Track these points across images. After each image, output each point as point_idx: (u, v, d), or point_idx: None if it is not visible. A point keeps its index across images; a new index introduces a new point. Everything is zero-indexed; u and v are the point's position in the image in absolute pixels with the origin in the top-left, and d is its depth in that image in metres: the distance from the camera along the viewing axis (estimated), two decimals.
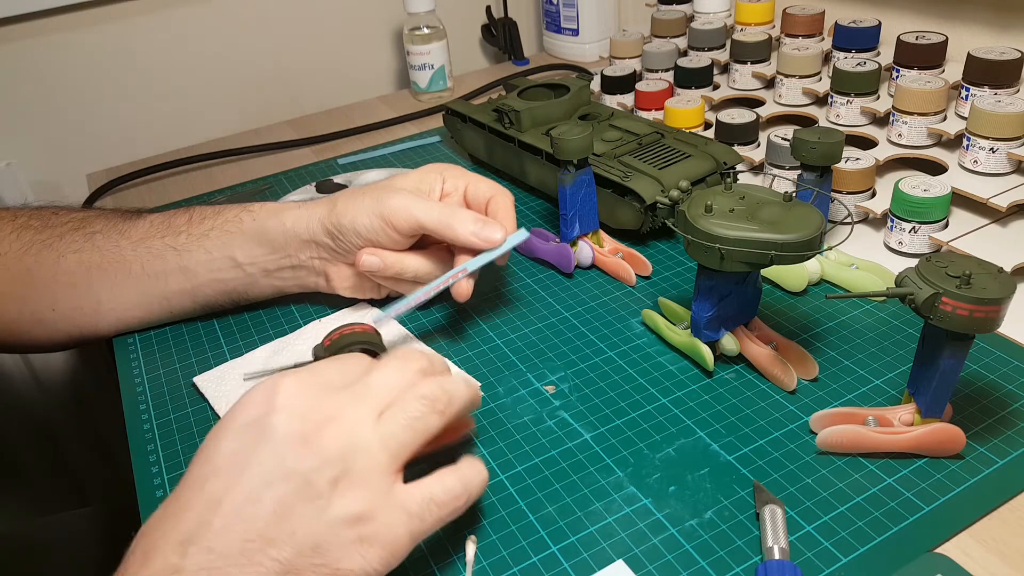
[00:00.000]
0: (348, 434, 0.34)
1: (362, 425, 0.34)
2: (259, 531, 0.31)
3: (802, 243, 0.41)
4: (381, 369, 0.37)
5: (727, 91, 0.79)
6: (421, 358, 0.39)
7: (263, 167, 0.87)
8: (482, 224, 0.50)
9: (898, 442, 0.41)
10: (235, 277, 0.55)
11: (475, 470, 0.37)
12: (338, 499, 0.33)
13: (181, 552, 0.30)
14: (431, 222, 0.50)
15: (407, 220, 0.50)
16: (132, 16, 0.93)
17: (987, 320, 0.36)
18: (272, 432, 0.33)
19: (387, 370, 0.37)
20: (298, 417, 0.34)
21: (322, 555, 0.32)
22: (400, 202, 0.51)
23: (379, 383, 0.36)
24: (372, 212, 0.51)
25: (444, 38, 0.97)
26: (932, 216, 0.56)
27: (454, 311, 0.58)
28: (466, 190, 0.55)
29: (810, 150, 0.51)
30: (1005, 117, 0.57)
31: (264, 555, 0.31)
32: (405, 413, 0.35)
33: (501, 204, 0.53)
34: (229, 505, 0.31)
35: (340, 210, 0.52)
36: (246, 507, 0.32)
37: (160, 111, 0.98)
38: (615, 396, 0.48)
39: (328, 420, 0.34)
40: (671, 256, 0.61)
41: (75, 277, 0.54)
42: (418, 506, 0.34)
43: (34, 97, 0.91)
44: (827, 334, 0.52)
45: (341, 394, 0.36)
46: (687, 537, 0.39)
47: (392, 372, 0.37)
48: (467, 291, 0.52)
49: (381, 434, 0.34)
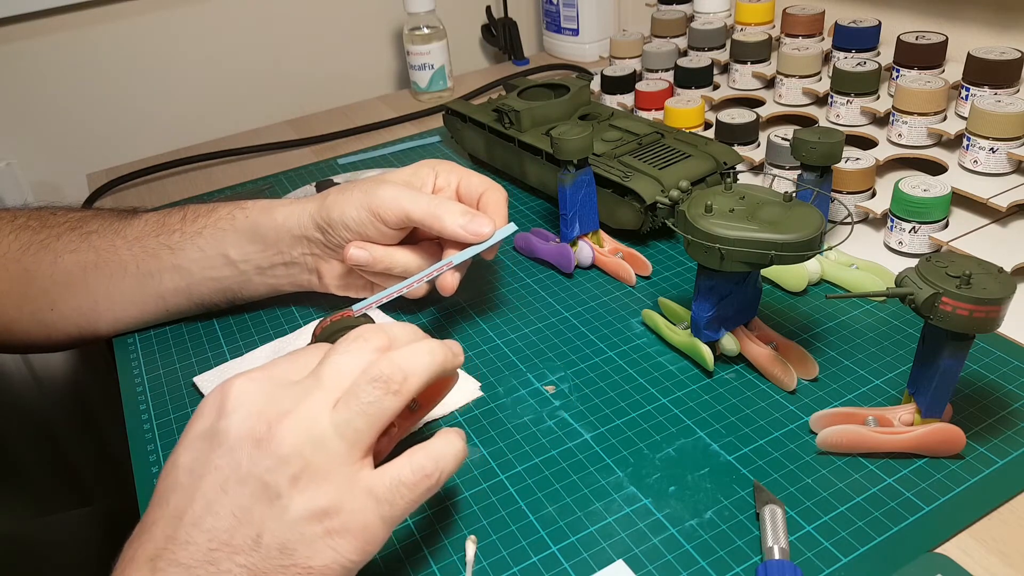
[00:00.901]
0: (302, 429, 0.33)
1: (316, 418, 0.33)
2: (222, 539, 0.31)
3: (802, 243, 0.41)
4: (334, 356, 0.36)
5: (727, 91, 0.79)
6: (378, 336, 0.36)
7: (263, 167, 0.87)
8: (470, 217, 0.50)
9: (898, 442, 0.41)
10: (229, 275, 0.55)
11: (448, 443, 0.36)
12: (299, 497, 0.32)
13: (151, 567, 0.31)
14: (419, 213, 0.50)
15: (395, 212, 0.50)
16: (132, 16, 0.93)
17: (987, 320, 0.36)
18: (224, 437, 0.32)
19: (340, 357, 0.35)
20: (250, 418, 0.33)
21: (290, 556, 0.31)
22: (388, 193, 0.50)
23: (331, 372, 0.35)
24: (361, 205, 0.51)
25: (444, 38, 0.97)
26: (932, 216, 0.56)
27: (454, 311, 0.58)
28: (459, 185, 0.55)
29: (810, 150, 0.51)
30: (1005, 117, 0.57)
31: (231, 562, 0.31)
32: (357, 399, 0.34)
33: (492, 199, 0.53)
34: (190, 517, 0.31)
35: (330, 204, 0.52)
36: (206, 517, 0.31)
37: (160, 111, 0.98)
38: (615, 396, 0.48)
39: (281, 417, 0.33)
40: (671, 256, 0.61)
41: (72, 277, 0.54)
42: (386, 491, 0.33)
43: (34, 97, 0.91)
44: (827, 334, 0.52)
45: (293, 388, 0.34)
46: (687, 537, 0.39)
47: (345, 358, 0.35)
48: (452, 285, 0.51)
49: (336, 424, 0.33)
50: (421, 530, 0.41)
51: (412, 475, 0.34)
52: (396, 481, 0.34)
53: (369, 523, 0.33)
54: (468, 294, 0.59)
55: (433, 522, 0.41)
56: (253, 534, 0.31)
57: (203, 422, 0.34)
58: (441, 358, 0.37)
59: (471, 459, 0.45)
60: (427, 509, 0.42)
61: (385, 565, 0.39)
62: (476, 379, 0.51)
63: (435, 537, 0.40)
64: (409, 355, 0.35)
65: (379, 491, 0.33)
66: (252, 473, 0.32)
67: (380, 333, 0.37)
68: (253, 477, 0.32)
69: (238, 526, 0.31)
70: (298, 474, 0.32)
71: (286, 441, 0.32)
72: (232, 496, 0.31)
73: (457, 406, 0.49)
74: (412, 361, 0.35)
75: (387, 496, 0.33)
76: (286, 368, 0.36)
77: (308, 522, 0.32)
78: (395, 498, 0.33)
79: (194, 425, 0.34)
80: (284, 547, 0.31)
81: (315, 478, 0.32)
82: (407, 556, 0.40)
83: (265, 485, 0.32)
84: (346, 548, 0.32)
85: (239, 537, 0.31)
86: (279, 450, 0.32)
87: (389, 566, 0.39)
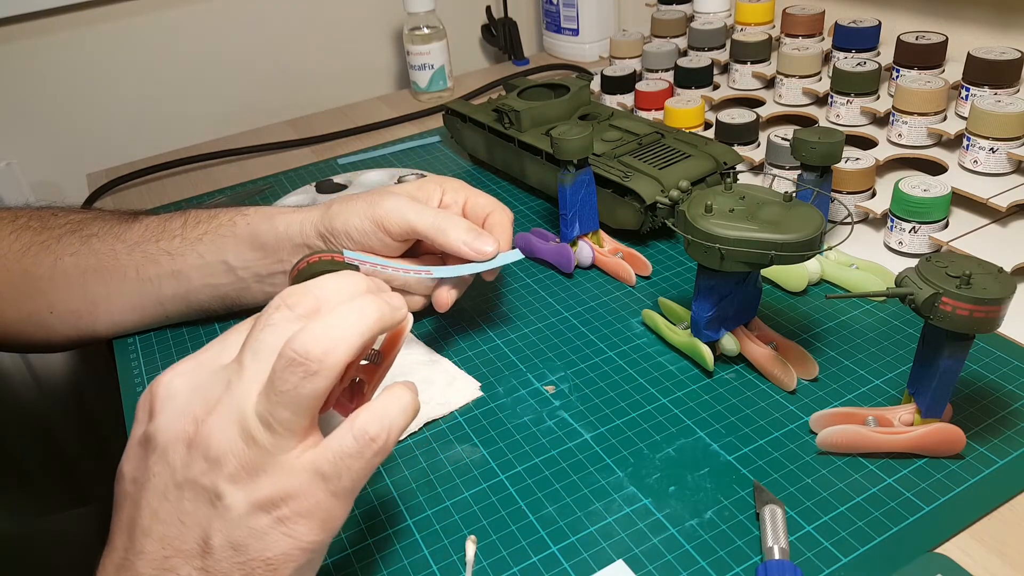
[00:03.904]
0: (229, 425, 0.31)
1: (241, 410, 0.31)
2: (174, 546, 0.31)
3: (802, 243, 0.41)
4: (255, 333, 0.32)
5: (727, 91, 0.79)
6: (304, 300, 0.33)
7: (263, 167, 0.87)
8: (475, 234, 0.49)
9: (898, 442, 0.41)
10: (228, 282, 0.55)
11: (393, 398, 0.33)
12: (240, 494, 0.30)
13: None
14: (423, 225, 0.49)
15: (399, 223, 0.49)
16: (132, 16, 0.93)
17: (987, 320, 0.36)
18: (156, 443, 0.31)
19: (261, 333, 0.32)
20: (177, 418, 0.31)
21: (245, 552, 0.30)
22: (393, 204, 0.50)
23: (251, 353, 0.32)
24: (365, 215, 0.50)
25: (444, 38, 0.97)
26: (932, 216, 0.56)
27: (454, 311, 0.58)
28: (465, 204, 0.54)
29: (810, 150, 0.51)
30: (1005, 117, 0.57)
31: (189, 567, 0.30)
32: (275, 388, 0.30)
33: (499, 220, 0.52)
34: (140, 527, 0.31)
35: (333, 213, 0.51)
36: (155, 526, 0.31)
37: (160, 111, 0.98)
38: (615, 396, 0.48)
39: (207, 413, 0.31)
40: (671, 256, 0.61)
41: (72, 280, 0.54)
42: (331, 465, 0.31)
43: (34, 97, 0.91)
44: (827, 334, 0.52)
45: (219, 376, 0.32)
46: (687, 537, 0.39)
47: (266, 334, 0.32)
48: (447, 302, 0.51)
49: (260, 416, 0.31)
50: (421, 530, 0.41)
51: (355, 443, 0.31)
52: (339, 453, 0.31)
53: (320, 502, 0.31)
54: (468, 294, 0.59)
55: (433, 522, 0.41)
56: (202, 537, 0.30)
57: (138, 427, 0.33)
58: (374, 317, 0.32)
59: (471, 459, 0.45)
60: (427, 509, 0.42)
61: (385, 565, 0.39)
62: (476, 379, 0.51)
63: (435, 537, 0.40)
64: (330, 324, 0.31)
65: (324, 467, 0.31)
66: (188, 478, 0.31)
67: (307, 296, 0.33)
68: (190, 482, 0.31)
69: (186, 531, 0.31)
70: (234, 473, 0.31)
71: (214, 441, 0.31)
72: (174, 503, 0.31)
73: (457, 406, 0.49)
74: (332, 331, 0.31)
75: (333, 471, 0.31)
76: (216, 351, 0.34)
77: (255, 516, 0.31)
78: (341, 471, 0.31)
79: (134, 430, 0.33)
80: (236, 545, 0.30)
81: (252, 472, 0.31)
82: (407, 556, 0.40)
83: (203, 488, 0.31)
84: (302, 531, 0.31)
85: (189, 542, 0.31)
86: (209, 452, 0.31)
87: (389, 566, 0.39)
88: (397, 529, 0.41)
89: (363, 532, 0.41)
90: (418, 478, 0.44)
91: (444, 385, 0.50)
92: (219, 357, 0.33)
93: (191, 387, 0.32)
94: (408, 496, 0.43)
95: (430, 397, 0.49)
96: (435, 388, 0.50)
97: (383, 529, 0.41)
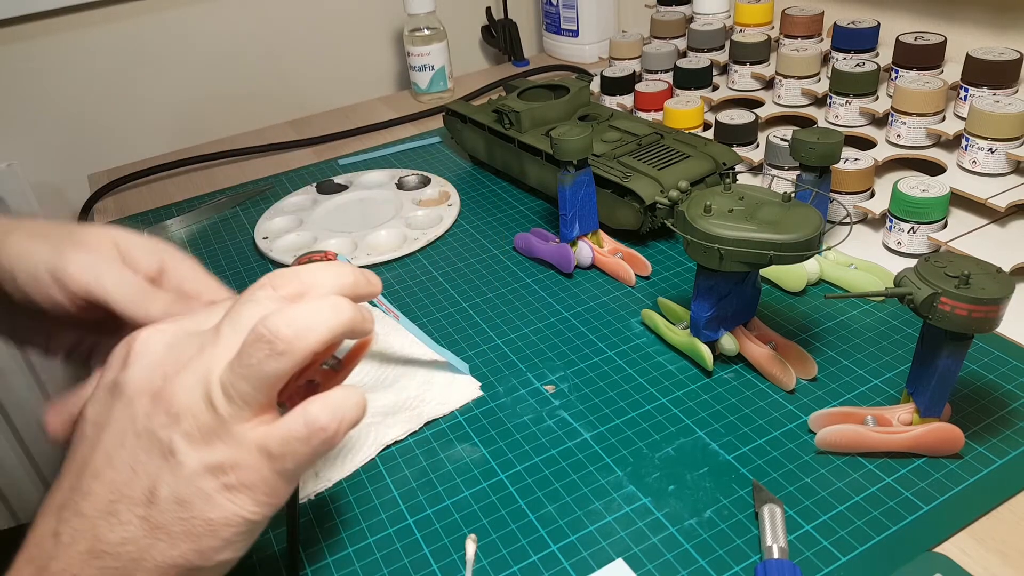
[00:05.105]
0: (194, 386, 0.32)
1: (208, 375, 0.32)
2: (122, 492, 0.31)
3: (801, 243, 0.41)
4: (237, 305, 0.33)
5: (726, 92, 0.79)
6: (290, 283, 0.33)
7: (264, 167, 0.87)
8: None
9: (897, 441, 0.41)
10: None
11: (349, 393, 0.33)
12: (193, 453, 0.31)
13: (58, 517, 0.31)
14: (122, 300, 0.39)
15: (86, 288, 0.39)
16: (134, 17, 0.93)
17: (986, 320, 0.36)
18: (124, 390, 0.32)
19: (242, 306, 0.33)
20: (148, 369, 0.32)
21: (188, 509, 0.31)
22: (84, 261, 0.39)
23: (230, 323, 0.33)
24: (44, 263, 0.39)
25: (444, 39, 0.97)
26: (931, 216, 0.56)
27: (455, 311, 0.58)
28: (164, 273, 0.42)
29: (809, 150, 0.51)
30: (1004, 117, 0.57)
31: (131, 514, 0.31)
32: (241, 361, 0.31)
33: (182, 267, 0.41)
34: (91, 469, 0.32)
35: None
36: (106, 470, 0.32)
37: (161, 111, 0.98)
38: (615, 396, 0.48)
39: (177, 371, 0.32)
40: (671, 256, 0.62)
41: None
42: (279, 446, 0.32)
43: (35, 98, 0.91)
44: (826, 334, 0.52)
45: (196, 339, 0.33)
46: (686, 536, 0.39)
47: (246, 307, 0.33)
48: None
49: (223, 385, 0.31)
50: (421, 529, 0.41)
51: (304, 429, 0.32)
52: (288, 436, 0.32)
53: (265, 478, 0.32)
54: (468, 294, 0.60)
55: (433, 521, 0.41)
56: (149, 487, 0.31)
57: (109, 373, 0.33)
58: (347, 318, 0.33)
59: (471, 458, 0.45)
60: (427, 508, 0.42)
61: (385, 564, 0.40)
62: (476, 379, 0.51)
63: (435, 536, 0.41)
64: (308, 311, 0.32)
65: (271, 446, 0.32)
66: (147, 428, 0.32)
67: (294, 280, 0.34)
68: (148, 432, 0.32)
69: (135, 479, 0.31)
70: (191, 432, 0.31)
71: (178, 398, 0.31)
72: (129, 449, 0.32)
73: (457, 406, 0.49)
74: (308, 318, 0.32)
75: (279, 451, 0.32)
76: (200, 318, 0.35)
77: (203, 477, 0.31)
78: (287, 452, 0.32)
79: (104, 376, 0.34)
80: (181, 500, 0.31)
81: (207, 436, 0.31)
82: (407, 555, 0.40)
83: (159, 441, 0.31)
84: (245, 502, 0.32)
85: (137, 490, 0.31)
86: (171, 407, 0.31)
87: (389, 564, 0.39)
88: (397, 528, 0.41)
89: (363, 531, 0.41)
90: (418, 477, 0.44)
91: (444, 385, 0.50)
92: (201, 323, 0.34)
93: (167, 345, 0.33)
94: (408, 495, 0.43)
95: (430, 397, 0.49)
96: (435, 388, 0.50)
97: (383, 528, 0.41)
